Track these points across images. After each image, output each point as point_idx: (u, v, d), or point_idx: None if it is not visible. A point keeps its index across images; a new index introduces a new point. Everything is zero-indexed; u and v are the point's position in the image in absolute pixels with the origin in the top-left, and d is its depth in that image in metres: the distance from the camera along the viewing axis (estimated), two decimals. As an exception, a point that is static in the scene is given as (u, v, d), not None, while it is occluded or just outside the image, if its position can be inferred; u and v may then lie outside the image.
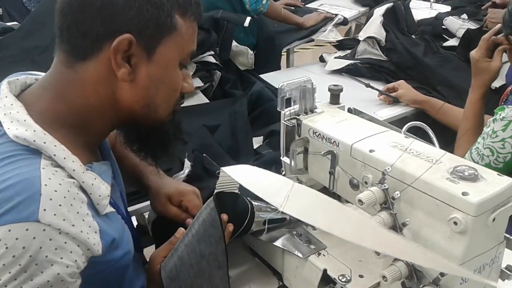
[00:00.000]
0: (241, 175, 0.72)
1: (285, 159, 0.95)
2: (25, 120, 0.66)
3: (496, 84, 1.75)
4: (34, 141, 0.65)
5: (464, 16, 2.23)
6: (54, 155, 0.66)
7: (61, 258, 0.61)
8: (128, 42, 0.68)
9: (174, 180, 1.05)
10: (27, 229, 0.59)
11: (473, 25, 2.10)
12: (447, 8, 2.62)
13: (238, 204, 0.90)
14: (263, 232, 0.92)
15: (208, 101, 1.65)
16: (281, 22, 2.37)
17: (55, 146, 0.66)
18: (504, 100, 1.38)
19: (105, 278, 0.72)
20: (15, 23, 2.07)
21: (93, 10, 0.67)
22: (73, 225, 0.62)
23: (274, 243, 0.90)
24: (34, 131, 0.66)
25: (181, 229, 0.86)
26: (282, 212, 0.92)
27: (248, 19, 1.87)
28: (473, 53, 1.45)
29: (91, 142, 0.75)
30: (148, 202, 1.15)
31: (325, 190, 0.83)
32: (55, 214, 0.61)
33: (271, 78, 1.94)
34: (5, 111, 0.67)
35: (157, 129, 0.79)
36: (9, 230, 0.58)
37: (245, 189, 0.91)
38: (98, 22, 0.67)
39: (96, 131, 0.75)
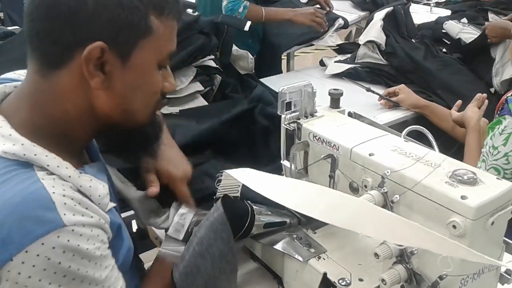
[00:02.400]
0: (245, 177, 0.73)
1: (285, 163, 0.95)
2: (10, 135, 0.65)
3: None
4: (24, 154, 0.64)
5: (464, 20, 2.24)
6: (48, 165, 0.65)
7: (94, 244, 0.65)
8: (100, 50, 0.65)
9: (170, 156, 0.98)
10: (58, 236, 0.60)
11: (473, 29, 2.11)
12: (447, 12, 2.63)
13: (238, 208, 0.90)
14: (263, 235, 0.92)
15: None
16: (267, 22, 2.22)
17: (46, 156, 0.66)
18: (499, 109, 1.36)
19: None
20: (17, 27, 2.08)
21: (61, 17, 0.64)
22: (91, 217, 0.66)
23: (274, 247, 0.90)
24: (22, 144, 0.65)
25: None
26: (282, 216, 0.93)
27: (249, 23, 1.88)
28: (475, 114, 1.44)
29: (75, 149, 0.74)
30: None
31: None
32: (74, 214, 0.63)
33: (271, 82, 1.94)
34: None
35: (137, 132, 0.77)
36: (43, 244, 0.59)
37: (245, 193, 0.92)
38: (67, 29, 0.64)
39: (77, 139, 0.73)
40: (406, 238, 0.59)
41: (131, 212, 1.13)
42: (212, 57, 1.70)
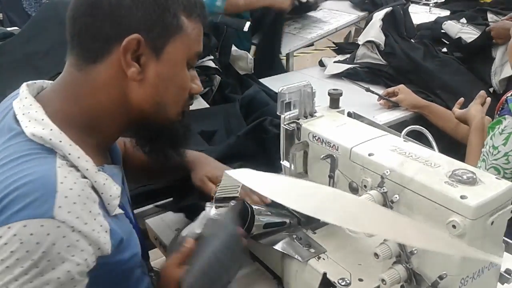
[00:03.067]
0: (244, 177, 0.73)
1: (285, 163, 0.95)
2: (42, 119, 0.68)
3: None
4: (50, 139, 0.67)
5: (463, 20, 2.24)
6: (69, 154, 0.67)
7: (73, 255, 0.62)
8: (136, 42, 0.70)
9: (211, 162, 1.08)
10: (42, 225, 0.60)
11: (472, 29, 2.11)
12: (446, 12, 2.63)
13: (238, 208, 0.90)
14: (263, 235, 0.92)
15: (208, 105, 1.66)
16: (246, 10, 2.19)
17: (70, 145, 0.68)
18: (499, 109, 1.36)
19: (111, 280, 0.72)
20: (16, 28, 2.08)
21: (102, 13, 0.70)
22: (85, 224, 0.64)
23: (274, 247, 0.90)
24: (51, 130, 0.68)
25: (191, 240, 0.84)
26: (282, 216, 0.93)
27: (248, 23, 1.88)
28: (478, 112, 1.44)
29: (102, 144, 0.77)
30: (147, 207, 1.16)
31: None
32: (69, 212, 0.62)
33: (270, 82, 1.95)
34: (24, 111, 0.70)
35: (167, 129, 0.80)
36: (25, 226, 0.60)
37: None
38: (107, 24, 0.70)
39: (107, 132, 0.76)
40: (408, 236, 0.59)
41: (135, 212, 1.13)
42: (212, 57, 1.71)
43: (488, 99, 1.51)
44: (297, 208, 0.63)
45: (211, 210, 0.88)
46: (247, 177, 0.72)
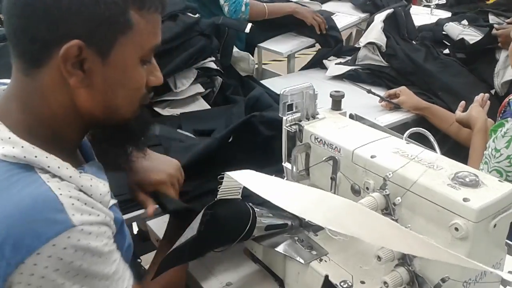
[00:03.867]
0: (246, 179, 0.73)
1: (286, 165, 0.95)
2: (9, 138, 0.65)
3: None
4: (25, 157, 0.64)
5: (465, 22, 2.24)
6: (48, 166, 0.66)
7: (102, 241, 0.67)
8: (77, 48, 0.64)
9: (151, 163, 0.95)
10: (68, 237, 0.62)
11: (473, 31, 2.11)
12: (448, 14, 2.62)
13: (239, 210, 0.90)
14: (265, 237, 0.92)
15: (209, 106, 1.66)
16: (270, 17, 2.23)
17: (46, 157, 0.66)
18: (501, 112, 1.35)
19: None
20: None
21: (37, 14, 0.63)
22: (98, 215, 0.67)
23: (276, 249, 0.90)
24: (22, 147, 0.65)
25: None
26: (284, 218, 0.93)
27: (249, 25, 1.88)
28: (480, 114, 1.43)
29: (68, 149, 0.74)
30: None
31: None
32: (82, 214, 0.64)
33: (272, 83, 1.95)
34: None
35: (122, 127, 0.76)
36: (54, 245, 0.61)
37: (246, 195, 0.92)
38: (43, 27, 0.63)
39: (68, 138, 0.73)
40: (390, 240, 0.59)
41: (132, 214, 1.13)
42: (213, 59, 1.71)
43: (488, 102, 1.50)
44: (285, 207, 0.63)
45: None
46: (248, 179, 0.73)
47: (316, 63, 2.31)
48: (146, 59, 0.72)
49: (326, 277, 0.81)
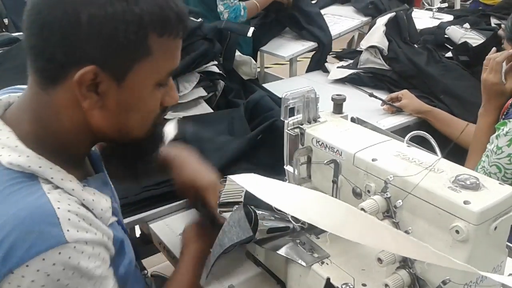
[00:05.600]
0: (248, 182, 0.73)
1: (288, 168, 0.95)
2: (16, 146, 0.65)
3: None
4: (29, 166, 0.64)
5: (467, 25, 2.24)
6: (52, 177, 0.65)
7: (95, 262, 0.65)
8: (93, 74, 0.64)
9: (193, 163, 1.02)
10: (59, 253, 0.60)
11: (475, 35, 2.11)
12: (450, 18, 2.63)
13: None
14: (267, 240, 0.92)
15: (211, 110, 1.67)
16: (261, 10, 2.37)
17: (51, 168, 0.66)
18: (504, 113, 1.36)
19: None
20: (21, 33, 2.09)
21: (54, 37, 0.62)
22: (95, 234, 0.66)
23: (278, 252, 0.90)
24: (28, 156, 0.65)
25: None
26: (286, 221, 0.93)
27: (252, 29, 1.89)
28: (490, 77, 1.38)
29: (76, 160, 0.74)
30: (151, 212, 1.16)
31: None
32: (78, 231, 0.63)
33: (274, 87, 1.95)
34: None
35: (133, 147, 0.76)
36: (43, 259, 0.59)
37: (248, 198, 0.92)
38: (59, 50, 0.63)
39: (77, 150, 0.73)
40: (386, 243, 0.59)
41: (135, 217, 1.14)
42: (215, 62, 1.71)
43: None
44: (284, 209, 0.63)
45: None
46: (250, 183, 0.73)
47: (317, 66, 2.34)
48: (162, 83, 0.72)
49: (328, 279, 0.82)
